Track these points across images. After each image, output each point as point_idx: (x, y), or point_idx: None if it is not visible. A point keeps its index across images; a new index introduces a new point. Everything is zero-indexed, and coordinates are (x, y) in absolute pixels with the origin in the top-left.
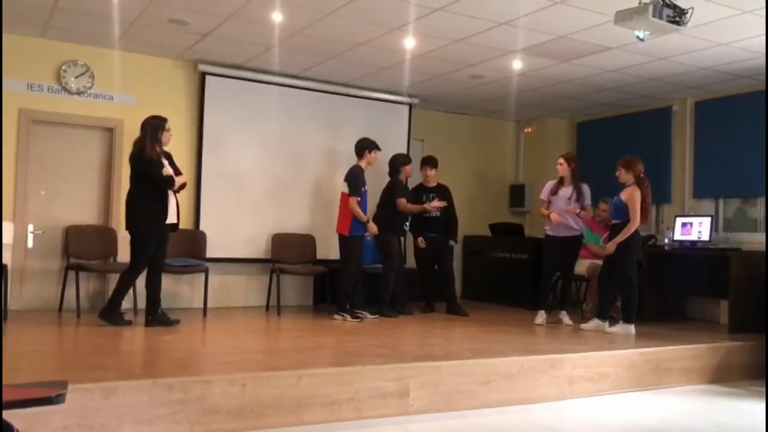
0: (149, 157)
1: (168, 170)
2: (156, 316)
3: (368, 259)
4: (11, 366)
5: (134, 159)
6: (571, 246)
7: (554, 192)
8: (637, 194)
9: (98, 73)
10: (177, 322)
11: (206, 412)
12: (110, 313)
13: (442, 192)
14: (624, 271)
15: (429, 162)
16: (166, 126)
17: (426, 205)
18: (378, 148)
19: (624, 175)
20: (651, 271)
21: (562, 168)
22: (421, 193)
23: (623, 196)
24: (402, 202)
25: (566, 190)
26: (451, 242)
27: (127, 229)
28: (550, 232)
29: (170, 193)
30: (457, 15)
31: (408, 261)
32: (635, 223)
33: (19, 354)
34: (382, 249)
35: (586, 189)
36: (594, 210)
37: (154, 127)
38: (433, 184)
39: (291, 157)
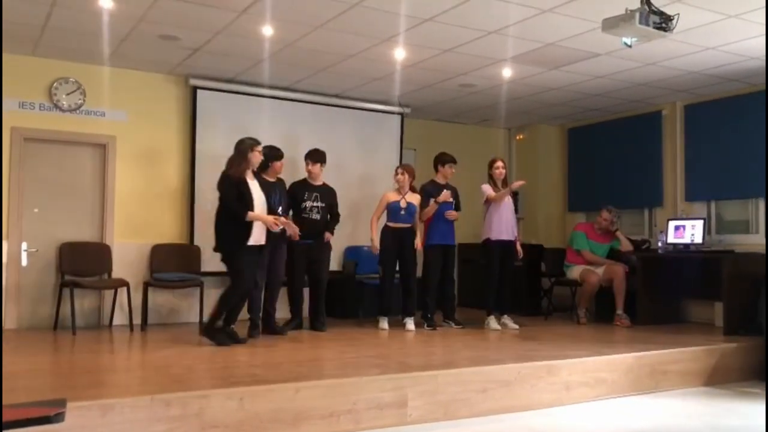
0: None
1: None
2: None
3: (366, 269)
4: (8, 386)
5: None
6: (510, 251)
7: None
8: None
9: (90, 89)
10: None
11: (204, 427)
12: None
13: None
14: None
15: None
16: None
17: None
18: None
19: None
20: (645, 274)
21: (502, 172)
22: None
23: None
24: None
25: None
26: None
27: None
28: (496, 237)
29: None
30: (446, 25)
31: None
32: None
33: (15, 373)
34: None
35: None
36: (595, 218)
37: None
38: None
39: (283, 169)
